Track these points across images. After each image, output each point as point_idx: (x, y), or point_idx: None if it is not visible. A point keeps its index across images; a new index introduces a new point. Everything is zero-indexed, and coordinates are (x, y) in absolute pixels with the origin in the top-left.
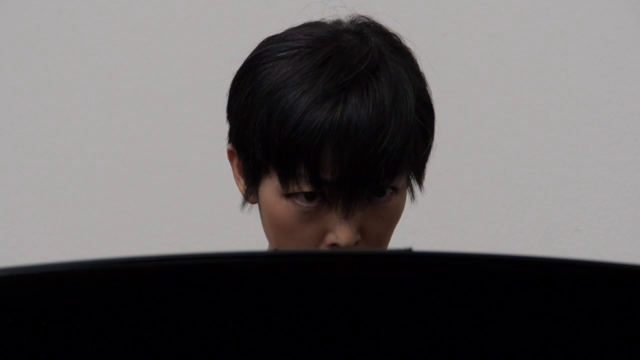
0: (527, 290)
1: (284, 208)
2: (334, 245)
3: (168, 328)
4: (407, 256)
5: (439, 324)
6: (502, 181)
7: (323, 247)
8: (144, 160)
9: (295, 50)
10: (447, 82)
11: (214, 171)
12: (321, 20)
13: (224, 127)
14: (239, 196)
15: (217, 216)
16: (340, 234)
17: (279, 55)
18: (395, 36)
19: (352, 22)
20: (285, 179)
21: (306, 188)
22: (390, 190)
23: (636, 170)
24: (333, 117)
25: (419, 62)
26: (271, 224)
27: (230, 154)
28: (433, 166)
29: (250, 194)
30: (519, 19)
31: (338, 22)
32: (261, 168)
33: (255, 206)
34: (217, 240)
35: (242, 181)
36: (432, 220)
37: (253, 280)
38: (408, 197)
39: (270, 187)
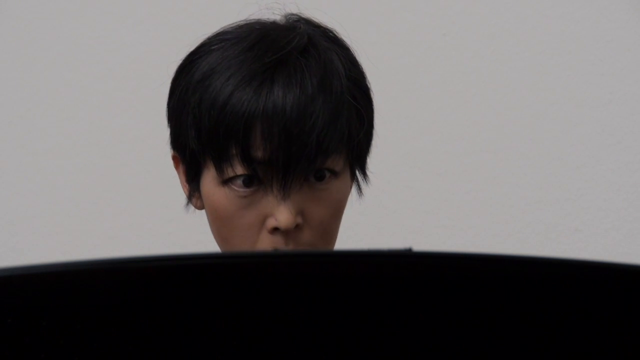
0: (527, 290)
1: (222, 196)
2: (275, 229)
3: (168, 328)
4: (407, 256)
5: (439, 324)
6: (502, 181)
7: (264, 233)
8: (144, 160)
9: (225, 42)
10: (447, 82)
11: None
12: (259, 19)
13: None
14: None
15: None
16: (279, 216)
17: (211, 48)
18: (330, 29)
19: (286, 18)
20: (220, 163)
21: (240, 169)
22: (329, 174)
23: (636, 170)
24: (260, 95)
25: (357, 56)
26: (213, 217)
27: (175, 160)
28: (433, 166)
29: (194, 194)
30: (519, 19)
31: (274, 21)
32: (199, 160)
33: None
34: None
35: (187, 186)
36: (432, 220)
37: (253, 280)
38: (355, 191)
39: (209, 179)
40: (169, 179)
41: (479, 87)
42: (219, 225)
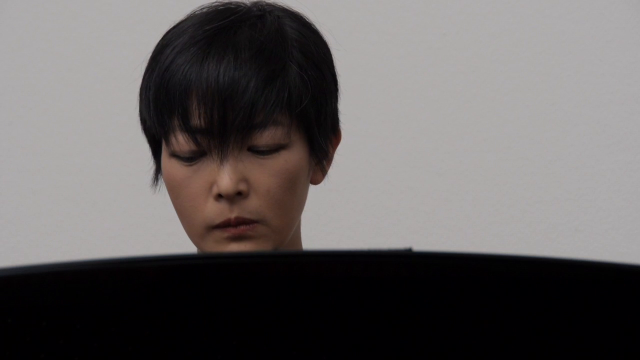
0: (527, 290)
1: (172, 167)
2: (218, 196)
3: (168, 328)
4: (407, 256)
5: (439, 324)
6: (502, 181)
7: (211, 201)
8: (144, 160)
9: (184, 21)
10: (447, 81)
11: None
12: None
13: None
14: None
15: None
16: (219, 181)
17: (173, 29)
18: (305, 17)
19: (258, 4)
20: (165, 134)
21: (182, 139)
22: (275, 145)
23: (636, 170)
24: (195, 61)
25: (328, 43)
26: (168, 189)
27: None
28: (433, 166)
29: (158, 171)
30: (519, 19)
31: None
32: (154, 133)
33: None
34: None
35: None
36: (432, 220)
37: (253, 280)
38: (319, 178)
39: (164, 154)
40: (152, 174)
41: (479, 87)
42: (173, 198)
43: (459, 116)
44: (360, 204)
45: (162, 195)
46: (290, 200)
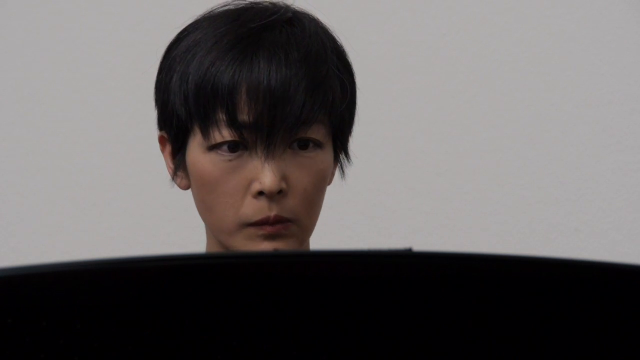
0: (527, 290)
1: (208, 162)
2: (259, 194)
3: (168, 328)
4: (407, 256)
5: (439, 324)
6: (502, 181)
7: (249, 198)
8: (144, 160)
9: (211, 19)
10: (447, 81)
11: None
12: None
13: None
14: None
15: None
16: (264, 178)
17: (197, 26)
18: (320, 20)
19: (273, 2)
20: (207, 127)
21: (226, 133)
22: (312, 144)
23: (636, 170)
24: (245, 58)
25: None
26: (198, 185)
27: (161, 141)
28: (433, 166)
29: (178, 172)
30: (519, 19)
31: (260, 2)
32: (186, 127)
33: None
34: None
35: (171, 166)
36: (432, 220)
37: (253, 281)
38: (339, 173)
39: (194, 146)
40: (169, 179)
41: (479, 87)
42: (204, 193)
43: (459, 116)
44: (360, 204)
45: (162, 196)
46: (319, 200)
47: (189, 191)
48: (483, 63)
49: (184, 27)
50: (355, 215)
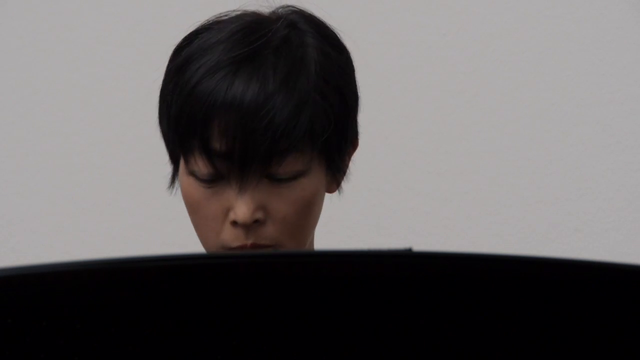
0: (527, 290)
1: (189, 185)
2: (235, 223)
3: (168, 328)
4: (407, 256)
5: (439, 324)
6: (502, 181)
7: (227, 225)
8: (144, 160)
9: (209, 31)
10: (447, 81)
11: None
12: (256, 11)
13: None
14: None
15: None
16: (237, 210)
17: (197, 36)
18: (326, 26)
19: (278, 10)
20: (184, 152)
21: (201, 163)
22: (295, 172)
23: (636, 170)
24: (220, 88)
25: (352, 56)
26: (184, 202)
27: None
28: (433, 166)
29: (174, 178)
30: (519, 19)
31: (271, 13)
32: (172, 147)
33: None
34: None
35: (171, 169)
36: (432, 220)
37: (252, 281)
38: (333, 189)
39: (182, 166)
40: (169, 179)
41: (479, 87)
42: (189, 211)
43: (459, 116)
44: (360, 204)
45: (162, 196)
46: (305, 223)
47: (171, 193)
48: (483, 63)
49: (188, 32)
50: (355, 215)
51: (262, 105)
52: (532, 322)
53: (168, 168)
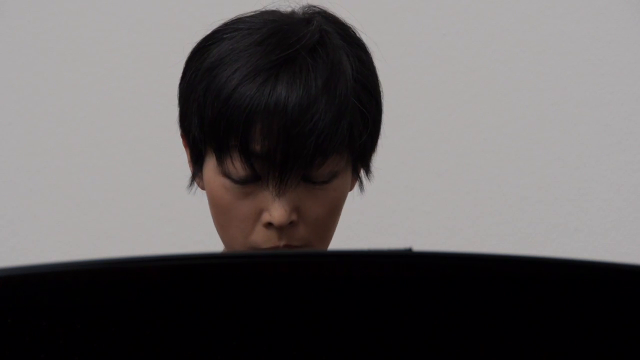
0: (527, 290)
1: (221, 186)
2: (269, 224)
3: (168, 328)
4: (407, 256)
5: (439, 324)
6: (502, 181)
7: (259, 226)
8: (144, 160)
9: (238, 32)
10: (447, 82)
11: None
12: (276, 10)
13: None
14: None
15: None
16: (274, 212)
17: (223, 36)
18: (349, 27)
19: (305, 11)
20: (220, 154)
21: (238, 163)
22: (327, 174)
23: (636, 170)
24: (263, 91)
25: (373, 56)
26: (211, 204)
27: (182, 137)
28: (433, 166)
29: (196, 176)
30: (519, 19)
31: (292, 12)
32: (201, 147)
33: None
34: (217, 240)
35: (191, 166)
36: (432, 220)
37: (253, 281)
38: (357, 187)
39: (210, 166)
40: (169, 179)
41: (479, 87)
42: (217, 212)
43: (459, 116)
44: (361, 204)
45: (162, 196)
46: (333, 224)
47: (190, 192)
48: (483, 63)
49: (210, 32)
50: (355, 215)
51: (306, 110)
52: (532, 322)
53: (168, 168)
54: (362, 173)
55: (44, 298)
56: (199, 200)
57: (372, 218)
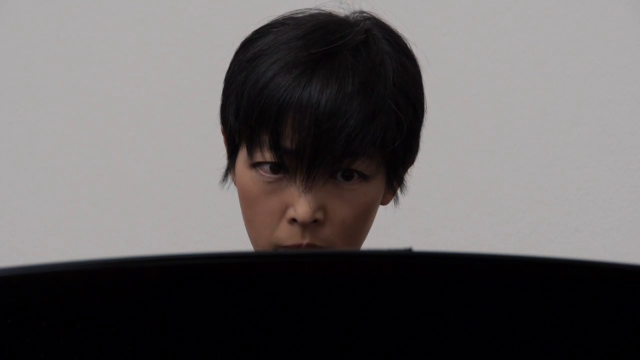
0: (527, 290)
1: (249, 178)
2: (293, 220)
3: (168, 328)
4: (407, 256)
5: (439, 324)
6: (502, 181)
7: (284, 222)
8: (144, 160)
9: (284, 26)
10: (447, 82)
11: (214, 171)
12: (330, 11)
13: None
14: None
15: (217, 216)
16: (298, 208)
17: (271, 30)
18: (400, 36)
19: (356, 14)
20: (251, 145)
21: (268, 155)
22: (357, 175)
23: (636, 170)
24: (297, 84)
25: (421, 69)
26: (240, 196)
27: (223, 133)
28: (433, 166)
29: (229, 169)
30: (519, 19)
31: (347, 17)
32: (236, 137)
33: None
34: (217, 240)
35: (227, 162)
36: (432, 220)
37: (253, 280)
38: (387, 200)
39: (241, 159)
40: (169, 179)
41: (479, 87)
42: (245, 206)
43: (458, 116)
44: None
45: (162, 196)
46: (361, 229)
47: (189, 191)
48: (483, 63)
49: (260, 26)
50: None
51: (338, 107)
52: (532, 322)
53: (168, 168)
54: (394, 184)
55: (44, 298)
56: (199, 200)
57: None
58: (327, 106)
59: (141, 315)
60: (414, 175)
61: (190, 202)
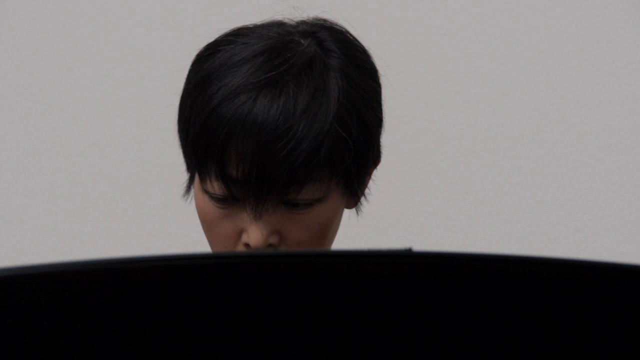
0: (527, 290)
1: (203, 203)
2: (247, 245)
3: (168, 328)
4: (407, 256)
5: (439, 324)
6: (502, 181)
7: (239, 246)
8: (144, 160)
9: (234, 45)
10: (447, 82)
11: None
12: (284, 20)
13: None
14: None
15: None
16: (251, 235)
17: (219, 48)
18: (356, 45)
19: (313, 24)
20: (200, 173)
21: (216, 185)
22: (306, 202)
23: (636, 170)
24: (240, 113)
25: (380, 76)
26: (199, 218)
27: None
28: (433, 166)
29: (189, 186)
30: (519, 19)
31: (301, 23)
32: (190, 163)
33: None
34: None
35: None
36: (432, 220)
37: (253, 280)
38: (354, 209)
39: (197, 182)
40: (169, 179)
41: (479, 87)
42: (203, 227)
43: (459, 116)
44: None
45: (162, 196)
46: (322, 243)
47: (185, 200)
48: (483, 63)
49: (210, 42)
50: (355, 215)
51: (281, 135)
52: (532, 322)
53: (168, 169)
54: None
55: (44, 298)
56: None
57: (372, 218)
58: (269, 135)
59: (141, 315)
60: (414, 175)
61: (190, 202)
